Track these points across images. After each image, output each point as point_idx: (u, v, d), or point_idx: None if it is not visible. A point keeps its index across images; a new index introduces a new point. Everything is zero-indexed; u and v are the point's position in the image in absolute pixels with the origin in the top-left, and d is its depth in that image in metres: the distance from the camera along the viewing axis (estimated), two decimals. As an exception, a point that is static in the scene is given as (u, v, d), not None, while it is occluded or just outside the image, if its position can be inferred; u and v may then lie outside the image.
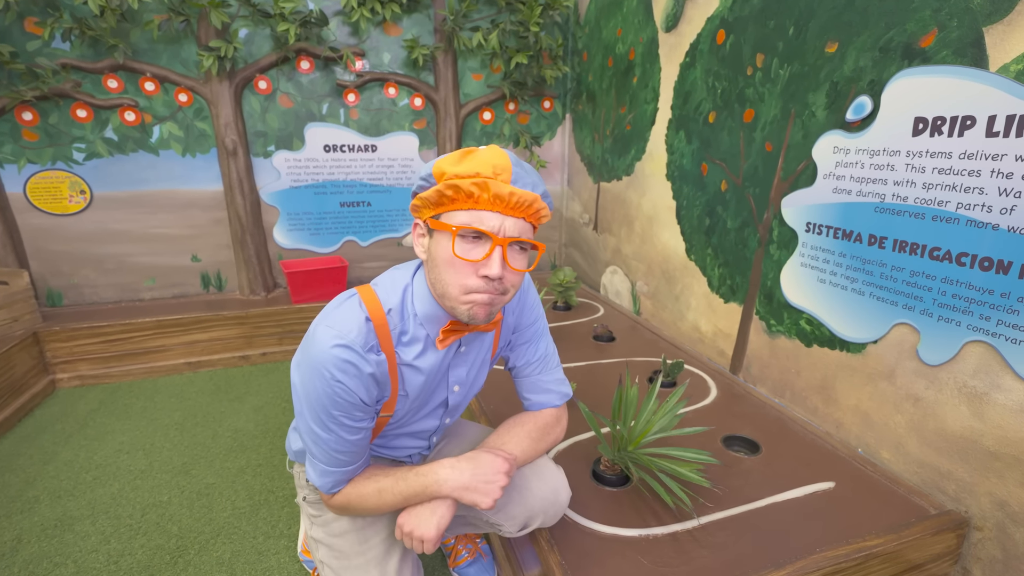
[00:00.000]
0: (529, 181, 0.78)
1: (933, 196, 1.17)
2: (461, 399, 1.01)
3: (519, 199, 0.74)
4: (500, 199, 0.74)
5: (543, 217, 0.82)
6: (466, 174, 0.73)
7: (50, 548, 1.40)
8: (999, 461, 1.09)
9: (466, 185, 0.73)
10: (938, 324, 1.19)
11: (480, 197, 0.74)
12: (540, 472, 1.04)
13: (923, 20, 1.15)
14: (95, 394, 2.27)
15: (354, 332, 0.79)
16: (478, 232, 0.75)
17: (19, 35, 2.16)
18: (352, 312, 0.81)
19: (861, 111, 1.30)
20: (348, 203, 2.84)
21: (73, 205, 2.43)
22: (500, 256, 0.76)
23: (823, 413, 1.51)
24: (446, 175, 0.74)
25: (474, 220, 0.75)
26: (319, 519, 1.03)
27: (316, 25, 2.42)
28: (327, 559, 1.00)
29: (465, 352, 0.95)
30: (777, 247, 1.61)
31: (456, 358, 0.94)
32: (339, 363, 0.77)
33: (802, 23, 1.45)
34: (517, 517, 1.00)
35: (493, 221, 0.75)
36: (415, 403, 0.92)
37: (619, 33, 2.38)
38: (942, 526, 1.13)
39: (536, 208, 0.78)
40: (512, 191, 0.74)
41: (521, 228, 0.78)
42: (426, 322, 0.86)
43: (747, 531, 1.11)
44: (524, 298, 1.02)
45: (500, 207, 0.75)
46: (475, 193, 0.73)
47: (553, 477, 1.04)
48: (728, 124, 1.76)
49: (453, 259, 0.76)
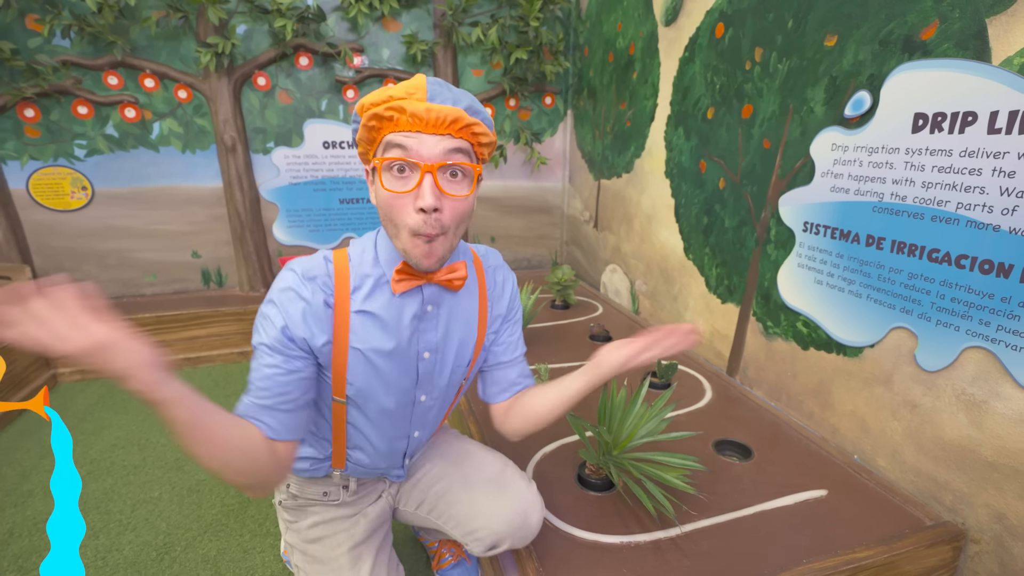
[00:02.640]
0: (449, 97, 0.74)
1: (932, 195, 1.12)
2: (433, 368, 0.91)
3: (437, 114, 0.70)
4: (418, 118, 0.70)
5: (481, 136, 0.76)
6: (380, 100, 0.72)
7: (40, 542, 1.42)
8: (997, 472, 1.05)
9: (383, 111, 0.71)
10: (936, 328, 1.14)
11: (399, 120, 0.71)
12: (507, 493, 1.00)
13: (924, 11, 1.10)
14: (95, 388, 2.30)
15: (306, 263, 0.81)
16: (402, 162, 0.72)
17: (20, 32, 2.18)
18: (315, 255, 0.83)
19: (860, 107, 1.25)
20: (347, 199, 2.83)
21: (75, 201, 2.45)
22: (431, 183, 0.72)
23: (819, 418, 1.47)
24: (365, 107, 0.73)
25: (396, 147, 0.72)
26: (294, 524, 1.02)
27: (313, 21, 2.41)
28: (302, 563, 0.99)
29: (434, 313, 0.88)
30: (774, 247, 1.57)
31: (426, 320, 0.87)
32: (278, 283, 0.79)
33: (801, 15, 1.40)
34: (482, 539, 0.97)
35: (411, 143, 0.71)
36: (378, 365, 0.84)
37: (619, 27, 2.34)
38: (937, 538, 1.09)
39: (464, 123, 0.73)
40: (429, 107, 0.70)
41: (450, 148, 0.73)
42: (386, 264, 0.83)
43: (733, 540, 1.08)
44: (508, 288, 1.00)
45: (419, 126, 0.71)
46: (394, 116, 0.71)
47: (522, 499, 0.99)
48: (727, 120, 1.72)
49: (387, 196, 0.74)
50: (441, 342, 0.90)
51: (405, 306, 0.85)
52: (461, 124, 0.72)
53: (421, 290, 0.85)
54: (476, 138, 0.76)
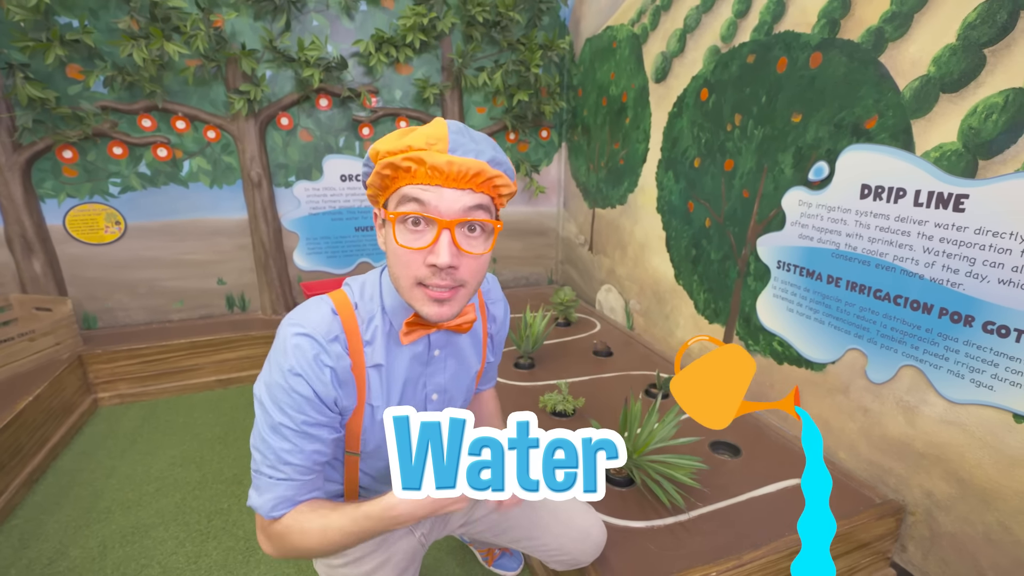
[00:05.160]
0: (472, 148, 0.69)
1: (876, 248, 1.45)
2: (441, 407, 0.91)
3: (460, 168, 0.66)
4: (438, 171, 0.66)
5: (502, 187, 0.72)
6: (398, 150, 0.67)
7: (134, 552, 1.61)
8: (926, 460, 1.38)
9: (401, 161, 0.66)
10: (881, 350, 1.47)
11: (416, 172, 0.66)
12: (571, 519, 1.11)
13: (867, 106, 1.43)
14: (136, 411, 2.46)
15: (316, 322, 0.75)
16: (418, 216, 0.68)
17: (61, 80, 2.34)
18: (317, 306, 0.78)
19: (820, 173, 1.58)
20: (362, 227, 3.06)
21: (108, 235, 2.61)
22: (449, 240, 0.68)
23: (792, 421, 1.79)
24: (380, 154, 0.68)
25: (413, 201, 0.67)
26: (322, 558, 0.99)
27: (336, 69, 2.63)
28: None
29: (441, 357, 0.88)
30: (754, 279, 1.89)
31: (433, 364, 0.87)
32: (297, 352, 0.73)
33: (772, 93, 1.72)
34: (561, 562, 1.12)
35: (430, 198, 0.67)
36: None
37: (612, 76, 2.64)
38: (884, 512, 1.41)
39: (486, 176, 0.68)
40: (451, 160, 0.65)
41: (471, 203, 0.69)
42: (393, 316, 0.81)
43: (731, 521, 1.38)
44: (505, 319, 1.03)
45: (439, 180, 0.66)
46: (411, 168, 0.66)
47: (584, 521, 1.12)
48: (711, 170, 2.03)
49: (399, 250, 0.70)
50: (448, 383, 0.91)
51: (412, 353, 0.84)
52: (483, 178, 0.69)
53: (428, 336, 0.84)
54: (497, 190, 0.72)
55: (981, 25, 1.15)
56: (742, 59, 1.82)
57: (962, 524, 1.31)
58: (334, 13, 2.63)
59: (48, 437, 2.08)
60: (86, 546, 1.63)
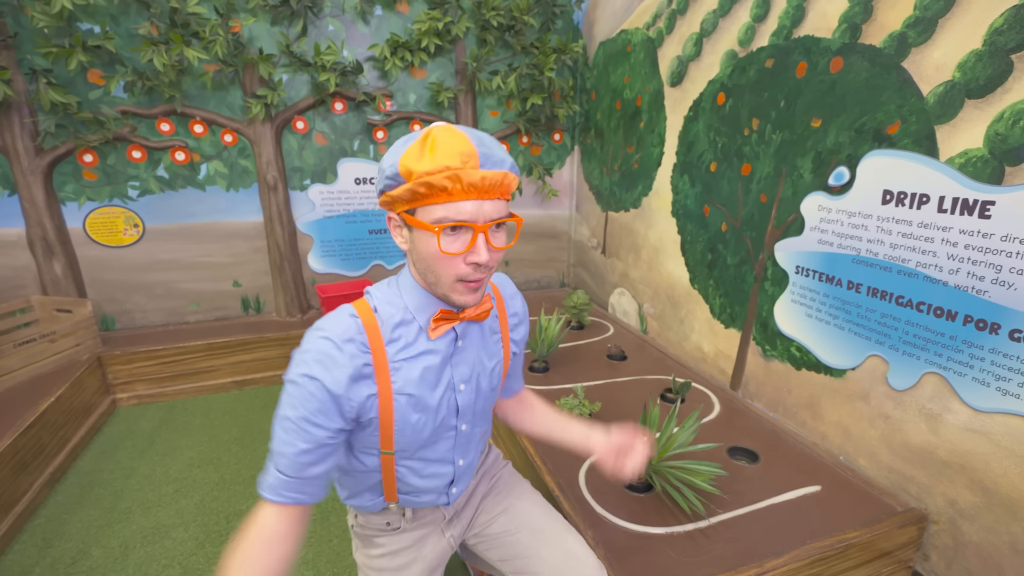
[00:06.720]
0: (496, 159, 0.77)
1: (898, 254, 1.44)
2: (469, 397, 0.96)
3: (491, 181, 0.75)
4: (474, 187, 0.74)
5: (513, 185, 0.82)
6: (435, 169, 0.72)
7: (155, 552, 1.63)
8: (950, 468, 1.37)
9: (439, 180, 0.72)
10: (903, 357, 1.46)
11: (454, 189, 0.74)
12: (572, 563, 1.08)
13: (889, 112, 1.42)
14: (153, 412, 2.49)
15: (333, 326, 0.82)
16: (457, 224, 0.76)
17: (82, 85, 2.37)
18: (339, 313, 0.85)
19: (840, 179, 1.57)
20: (376, 230, 3.07)
21: (127, 238, 2.64)
22: (484, 242, 0.78)
23: (811, 426, 1.78)
24: (415, 174, 0.74)
25: (452, 213, 0.75)
26: (362, 549, 1.07)
27: (352, 73, 2.65)
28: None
29: (464, 347, 0.94)
30: (771, 284, 1.88)
31: (458, 355, 0.93)
32: (316, 354, 0.79)
33: (792, 98, 1.71)
34: None
35: (470, 209, 0.75)
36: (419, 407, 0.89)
37: (627, 80, 2.64)
38: (906, 520, 1.40)
39: (508, 182, 0.78)
40: (484, 175, 0.74)
41: (498, 206, 0.79)
42: (417, 313, 0.87)
43: (751, 528, 1.37)
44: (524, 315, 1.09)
45: (475, 194, 0.75)
46: (448, 187, 0.73)
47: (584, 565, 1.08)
48: (728, 175, 2.03)
49: (440, 255, 0.78)
50: (473, 372, 0.96)
51: (438, 347, 0.90)
52: (506, 185, 0.78)
53: (453, 328, 0.91)
54: (510, 189, 0.82)
55: (1008, 31, 1.14)
56: (760, 63, 1.81)
57: (987, 534, 1.29)
58: (350, 18, 2.65)
59: (69, 437, 2.11)
60: (108, 546, 1.65)
